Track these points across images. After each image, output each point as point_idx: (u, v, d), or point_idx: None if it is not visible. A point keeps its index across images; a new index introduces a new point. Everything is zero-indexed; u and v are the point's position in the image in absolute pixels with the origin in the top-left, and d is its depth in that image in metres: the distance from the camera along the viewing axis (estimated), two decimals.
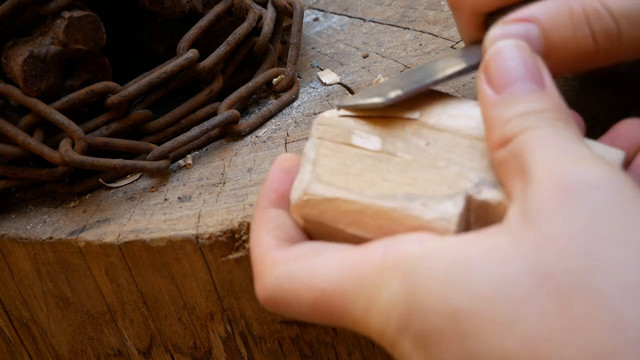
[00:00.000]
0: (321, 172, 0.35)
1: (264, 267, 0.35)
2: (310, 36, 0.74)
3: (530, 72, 0.33)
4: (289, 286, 0.33)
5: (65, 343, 0.56)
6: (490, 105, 0.33)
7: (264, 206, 0.38)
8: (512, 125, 0.32)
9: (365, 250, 0.32)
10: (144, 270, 0.49)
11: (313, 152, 0.36)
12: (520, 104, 0.32)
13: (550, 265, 0.26)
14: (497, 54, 0.34)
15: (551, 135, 0.31)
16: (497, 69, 0.34)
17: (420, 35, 0.67)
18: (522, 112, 0.32)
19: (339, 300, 0.32)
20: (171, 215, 0.49)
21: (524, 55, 0.34)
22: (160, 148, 0.54)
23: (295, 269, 0.33)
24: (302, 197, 0.35)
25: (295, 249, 0.35)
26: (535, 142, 0.31)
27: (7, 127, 0.52)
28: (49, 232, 0.51)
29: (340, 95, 0.60)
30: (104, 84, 0.54)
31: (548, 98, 0.33)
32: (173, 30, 0.62)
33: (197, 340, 0.52)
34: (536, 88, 0.33)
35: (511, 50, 0.34)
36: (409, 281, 0.30)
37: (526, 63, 0.33)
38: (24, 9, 0.53)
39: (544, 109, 0.32)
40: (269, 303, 0.35)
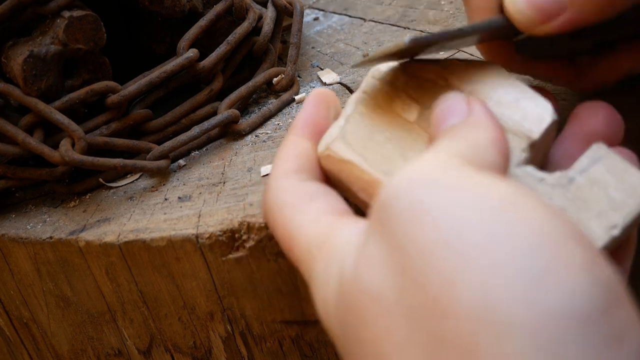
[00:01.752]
0: (349, 131, 0.36)
1: (272, 185, 0.37)
2: (310, 36, 0.74)
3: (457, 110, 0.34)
4: (276, 213, 0.36)
5: (65, 343, 0.56)
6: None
7: (297, 134, 0.39)
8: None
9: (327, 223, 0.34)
10: (144, 270, 0.49)
11: (351, 107, 0.37)
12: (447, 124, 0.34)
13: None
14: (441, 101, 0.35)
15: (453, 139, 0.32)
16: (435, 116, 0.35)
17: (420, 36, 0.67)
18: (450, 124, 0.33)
19: (296, 251, 0.34)
20: (171, 215, 0.49)
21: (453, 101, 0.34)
22: (160, 148, 0.54)
23: (287, 202, 0.36)
24: (324, 151, 0.36)
25: (302, 184, 0.36)
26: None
27: (7, 126, 0.52)
28: (49, 232, 0.51)
29: (341, 95, 0.60)
30: (104, 83, 0.54)
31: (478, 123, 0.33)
32: (173, 30, 0.62)
33: (197, 340, 0.52)
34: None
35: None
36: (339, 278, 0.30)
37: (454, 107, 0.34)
38: (24, 8, 0.53)
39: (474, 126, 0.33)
40: (265, 220, 0.38)
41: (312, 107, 0.40)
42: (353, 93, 0.38)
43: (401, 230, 0.27)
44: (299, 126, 0.39)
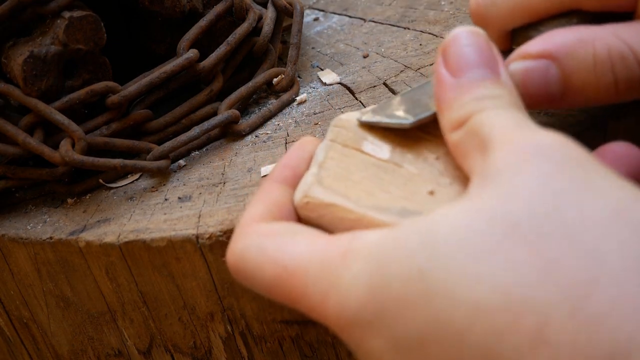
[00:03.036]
0: (324, 176, 0.35)
1: (240, 233, 0.35)
2: (310, 36, 0.74)
3: (487, 60, 0.33)
4: (255, 256, 0.33)
5: (65, 343, 0.56)
6: (446, 88, 0.33)
7: (274, 179, 0.38)
8: (468, 107, 0.32)
9: (332, 238, 0.32)
10: (144, 270, 0.49)
11: (322, 154, 0.37)
12: (477, 89, 0.32)
13: (515, 215, 0.26)
14: (455, 39, 0.34)
15: (507, 114, 0.31)
16: (455, 54, 0.34)
17: (420, 35, 0.67)
18: (478, 96, 0.32)
19: (300, 280, 0.32)
20: (171, 215, 0.49)
21: (480, 43, 0.34)
22: (160, 148, 0.54)
23: (266, 242, 0.33)
24: (302, 199, 0.35)
25: (275, 225, 0.35)
26: (493, 119, 0.31)
27: (7, 127, 0.52)
28: (49, 232, 0.51)
29: (341, 95, 0.60)
30: (104, 83, 0.54)
31: (502, 86, 0.33)
32: (173, 30, 0.62)
33: (197, 340, 0.52)
34: (491, 75, 0.33)
35: (469, 36, 0.34)
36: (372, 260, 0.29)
37: (483, 51, 0.34)
38: (24, 9, 0.53)
39: (499, 94, 0.32)
40: (234, 269, 0.35)
41: (289, 155, 0.39)
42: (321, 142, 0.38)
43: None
44: (276, 172, 0.38)
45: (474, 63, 0.33)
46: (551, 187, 0.27)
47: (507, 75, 0.33)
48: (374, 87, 0.60)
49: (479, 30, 0.34)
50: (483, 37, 0.34)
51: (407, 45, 0.66)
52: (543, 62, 0.35)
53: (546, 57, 0.35)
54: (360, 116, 0.38)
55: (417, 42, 0.66)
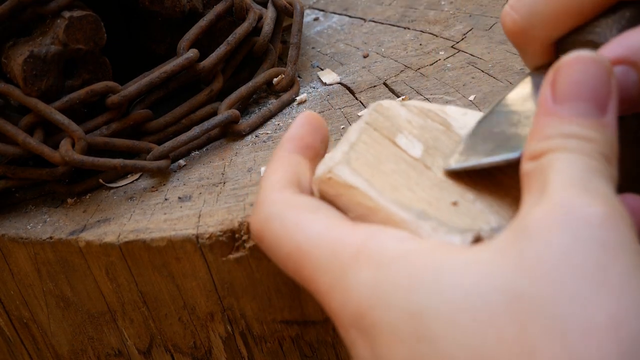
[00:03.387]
0: (353, 157, 0.35)
1: (264, 201, 0.35)
2: (310, 36, 0.74)
3: (597, 95, 0.31)
4: (275, 228, 0.34)
5: (65, 343, 0.56)
6: (543, 111, 0.31)
7: (288, 149, 0.38)
8: (551, 143, 0.31)
9: (351, 228, 0.32)
10: (144, 270, 0.49)
11: (355, 135, 0.36)
12: (569, 124, 0.31)
13: (520, 288, 0.26)
14: (573, 63, 0.31)
15: (580, 164, 0.29)
16: (566, 78, 0.31)
17: (420, 35, 0.67)
18: (567, 133, 0.30)
19: (310, 263, 0.32)
20: (171, 215, 0.49)
21: (599, 74, 0.31)
22: (160, 148, 0.54)
23: (288, 214, 0.34)
24: (326, 173, 0.34)
25: (298, 197, 0.35)
26: (563, 164, 0.29)
27: (7, 126, 0.52)
28: (49, 232, 0.51)
29: (341, 95, 0.60)
30: (104, 83, 0.54)
31: (600, 128, 0.31)
32: (173, 30, 0.62)
33: (197, 340, 0.52)
34: (594, 114, 0.31)
35: (589, 63, 0.31)
36: (381, 274, 0.29)
37: (597, 84, 0.31)
38: (24, 8, 0.53)
39: (590, 137, 0.30)
40: (257, 236, 0.35)
41: (299, 126, 0.39)
42: (354, 122, 0.37)
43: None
44: (287, 141, 0.38)
45: (581, 95, 0.31)
46: (564, 269, 0.26)
47: (613, 117, 0.31)
48: (374, 87, 0.60)
49: (603, 60, 0.31)
50: (604, 69, 0.31)
51: (407, 45, 0.66)
52: (621, 69, 0.33)
53: (623, 63, 0.33)
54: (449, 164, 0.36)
55: (417, 42, 0.66)
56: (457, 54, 0.62)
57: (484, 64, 0.59)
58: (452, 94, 0.56)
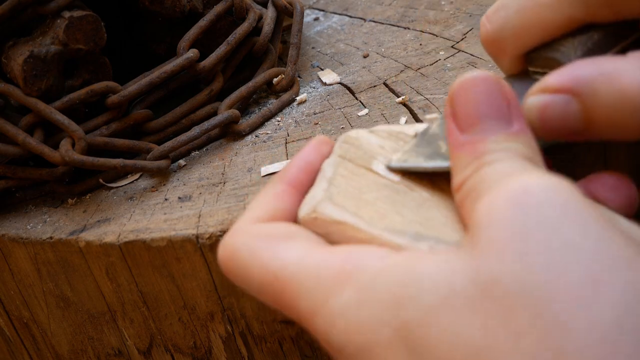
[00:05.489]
0: (335, 193, 0.34)
1: (235, 230, 0.35)
2: (310, 36, 0.74)
3: (498, 109, 0.31)
4: (245, 258, 0.33)
5: (65, 343, 0.56)
6: (455, 145, 0.32)
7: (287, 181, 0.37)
8: (470, 167, 0.31)
9: (330, 252, 0.32)
10: (144, 270, 0.49)
11: (331, 170, 0.35)
12: (484, 144, 0.31)
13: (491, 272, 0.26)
14: (462, 88, 0.32)
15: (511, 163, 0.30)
16: (463, 105, 0.32)
17: (420, 35, 0.67)
18: (483, 152, 0.31)
19: (290, 291, 0.32)
20: (171, 215, 0.49)
21: (491, 89, 0.32)
22: (160, 148, 0.54)
23: (258, 244, 0.33)
24: (310, 214, 0.34)
25: (271, 225, 0.34)
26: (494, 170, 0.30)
27: (8, 126, 0.52)
28: (49, 232, 0.51)
29: (341, 95, 0.60)
30: (104, 83, 0.54)
31: (515, 137, 0.31)
32: (173, 30, 0.62)
33: (197, 340, 0.52)
34: (504, 127, 0.31)
35: (477, 83, 0.32)
36: (362, 295, 0.29)
37: (494, 99, 0.31)
38: (24, 8, 0.53)
39: (508, 147, 0.31)
40: (224, 266, 0.35)
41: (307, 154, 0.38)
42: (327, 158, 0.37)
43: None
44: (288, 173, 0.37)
45: (484, 115, 0.31)
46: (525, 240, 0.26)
47: (522, 121, 0.32)
48: (374, 87, 0.60)
49: (488, 75, 0.32)
50: (493, 82, 0.32)
51: (407, 45, 0.66)
52: (562, 97, 0.32)
53: (566, 92, 0.32)
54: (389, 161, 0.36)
55: (417, 42, 0.66)
56: (457, 54, 0.62)
57: (484, 64, 0.59)
58: None
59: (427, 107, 0.55)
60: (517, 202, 0.27)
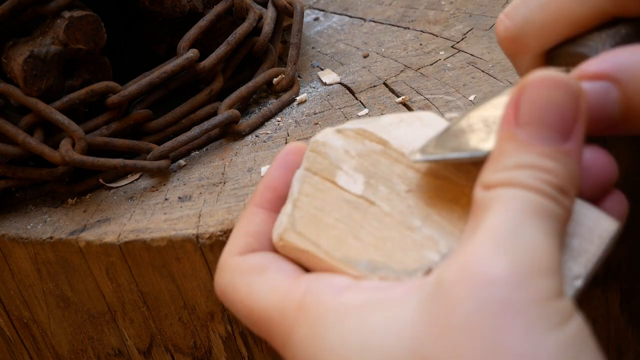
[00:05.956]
0: (298, 218, 0.36)
1: (220, 268, 0.37)
2: (310, 36, 0.74)
3: (560, 120, 0.29)
4: (230, 295, 0.36)
5: (65, 343, 0.56)
6: (504, 133, 0.30)
7: (257, 203, 0.38)
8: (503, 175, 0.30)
9: (293, 284, 0.33)
10: (144, 270, 0.49)
11: (297, 187, 0.37)
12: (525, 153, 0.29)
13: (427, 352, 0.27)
14: (539, 84, 0.30)
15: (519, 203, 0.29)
16: (529, 100, 0.30)
17: (420, 35, 0.67)
18: (521, 163, 0.29)
19: (264, 324, 0.33)
20: (171, 215, 0.49)
21: (564, 98, 0.29)
22: (160, 148, 0.54)
23: (238, 281, 0.35)
24: (278, 242, 0.36)
25: (248, 259, 0.36)
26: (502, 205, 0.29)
27: (8, 126, 0.52)
28: (50, 232, 0.51)
29: (341, 95, 0.60)
30: (104, 83, 0.54)
31: (560, 158, 0.29)
32: (173, 30, 0.62)
33: (198, 340, 0.52)
34: (555, 140, 0.29)
35: (554, 87, 0.29)
36: (314, 331, 0.30)
37: (561, 108, 0.29)
38: (24, 8, 0.53)
39: (545, 168, 0.29)
40: (222, 301, 0.37)
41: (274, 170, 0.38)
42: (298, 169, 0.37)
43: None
44: (258, 194, 0.38)
45: (543, 119, 0.29)
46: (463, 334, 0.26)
47: (579, 142, 0.30)
48: (374, 87, 0.60)
49: (571, 82, 0.29)
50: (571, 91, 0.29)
51: (407, 45, 0.66)
52: (602, 84, 0.31)
53: (606, 79, 0.31)
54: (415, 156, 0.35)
55: (417, 42, 0.66)
56: (457, 54, 0.62)
57: (484, 64, 0.59)
58: (452, 94, 0.56)
59: (427, 107, 0.55)
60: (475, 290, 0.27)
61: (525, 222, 0.28)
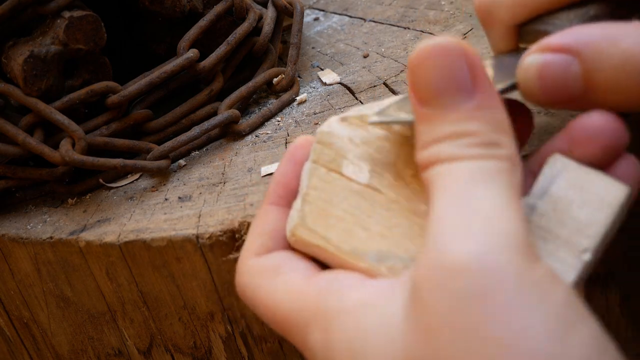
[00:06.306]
0: (307, 213, 0.36)
1: (239, 270, 0.37)
2: (310, 36, 0.74)
3: (456, 80, 0.29)
4: (250, 297, 0.36)
5: (65, 343, 0.56)
6: (417, 117, 0.31)
7: (270, 201, 0.39)
8: (428, 152, 0.30)
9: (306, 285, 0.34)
10: (144, 270, 0.49)
11: (306, 180, 0.37)
12: (443, 124, 0.29)
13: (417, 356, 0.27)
14: (420, 57, 0.30)
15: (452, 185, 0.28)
16: (421, 76, 0.30)
17: (420, 35, 0.67)
18: (441, 135, 0.29)
19: (284, 326, 0.34)
20: (171, 215, 0.49)
21: (449, 60, 0.29)
22: (160, 148, 0.54)
23: (257, 282, 0.36)
24: (290, 237, 0.36)
25: (263, 260, 0.36)
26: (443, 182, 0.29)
27: (8, 126, 0.52)
28: (50, 232, 0.51)
29: (341, 95, 0.60)
30: (104, 83, 0.54)
31: (476, 113, 0.29)
32: (173, 30, 0.62)
33: (198, 340, 0.52)
34: (461, 100, 0.29)
35: (435, 54, 0.30)
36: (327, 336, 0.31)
37: (451, 70, 0.29)
38: (24, 8, 0.53)
39: (465, 132, 0.29)
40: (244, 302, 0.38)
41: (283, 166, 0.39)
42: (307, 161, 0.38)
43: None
44: (270, 191, 0.39)
45: (439, 88, 0.29)
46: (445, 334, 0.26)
47: (487, 91, 0.30)
48: (374, 87, 0.60)
49: (448, 42, 0.30)
50: (453, 50, 0.29)
51: (407, 45, 0.66)
52: (564, 57, 0.31)
53: (568, 52, 0.31)
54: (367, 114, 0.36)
55: (417, 42, 0.66)
56: None
57: None
58: None
59: None
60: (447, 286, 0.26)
61: (468, 194, 0.28)
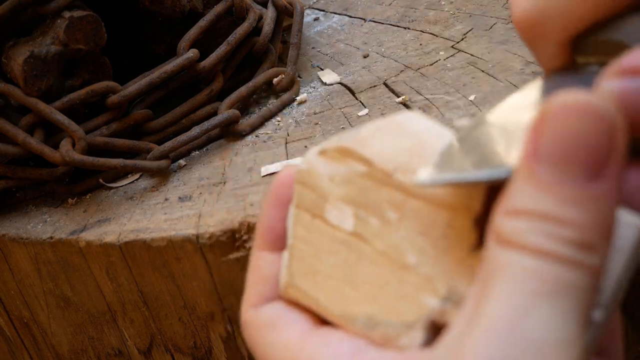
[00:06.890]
0: (295, 271, 0.35)
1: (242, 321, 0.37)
2: (310, 36, 0.74)
3: (588, 155, 0.25)
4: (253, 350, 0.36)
5: (65, 343, 0.56)
6: (523, 167, 0.26)
7: (260, 247, 0.38)
8: (514, 225, 0.25)
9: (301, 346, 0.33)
10: (144, 270, 0.49)
11: (291, 229, 0.35)
12: (544, 198, 0.25)
13: None
14: (562, 112, 0.25)
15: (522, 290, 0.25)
16: (550, 131, 0.25)
17: (420, 35, 0.67)
18: (536, 211, 0.25)
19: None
20: (171, 215, 0.49)
21: (593, 129, 0.24)
22: (160, 148, 0.54)
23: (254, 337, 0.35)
24: (282, 294, 0.36)
25: (260, 315, 0.36)
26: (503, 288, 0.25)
27: (8, 126, 0.52)
28: (50, 232, 0.51)
29: (341, 95, 0.60)
30: (104, 83, 0.54)
31: (586, 203, 0.25)
32: (173, 30, 0.62)
33: (198, 340, 0.52)
34: (581, 179, 0.25)
35: (581, 116, 0.24)
36: None
37: (589, 142, 0.25)
38: (24, 8, 0.53)
39: (563, 219, 0.25)
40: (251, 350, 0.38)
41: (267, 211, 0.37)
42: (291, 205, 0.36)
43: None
44: (258, 238, 0.37)
45: (566, 155, 0.25)
46: None
47: (612, 181, 0.25)
48: (374, 87, 0.60)
49: (593, 104, 0.24)
50: (603, 120, 0.24)
51: (407, 45, 0.66)
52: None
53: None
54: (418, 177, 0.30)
55: (417, 42, 0.66)
56: (457, 54, 0.62)
57: (484, 64, 0.59)
58: (452, 94, 0.56)
59: (427, 107, 0.55)
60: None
61: (533, 309, 0.24)
